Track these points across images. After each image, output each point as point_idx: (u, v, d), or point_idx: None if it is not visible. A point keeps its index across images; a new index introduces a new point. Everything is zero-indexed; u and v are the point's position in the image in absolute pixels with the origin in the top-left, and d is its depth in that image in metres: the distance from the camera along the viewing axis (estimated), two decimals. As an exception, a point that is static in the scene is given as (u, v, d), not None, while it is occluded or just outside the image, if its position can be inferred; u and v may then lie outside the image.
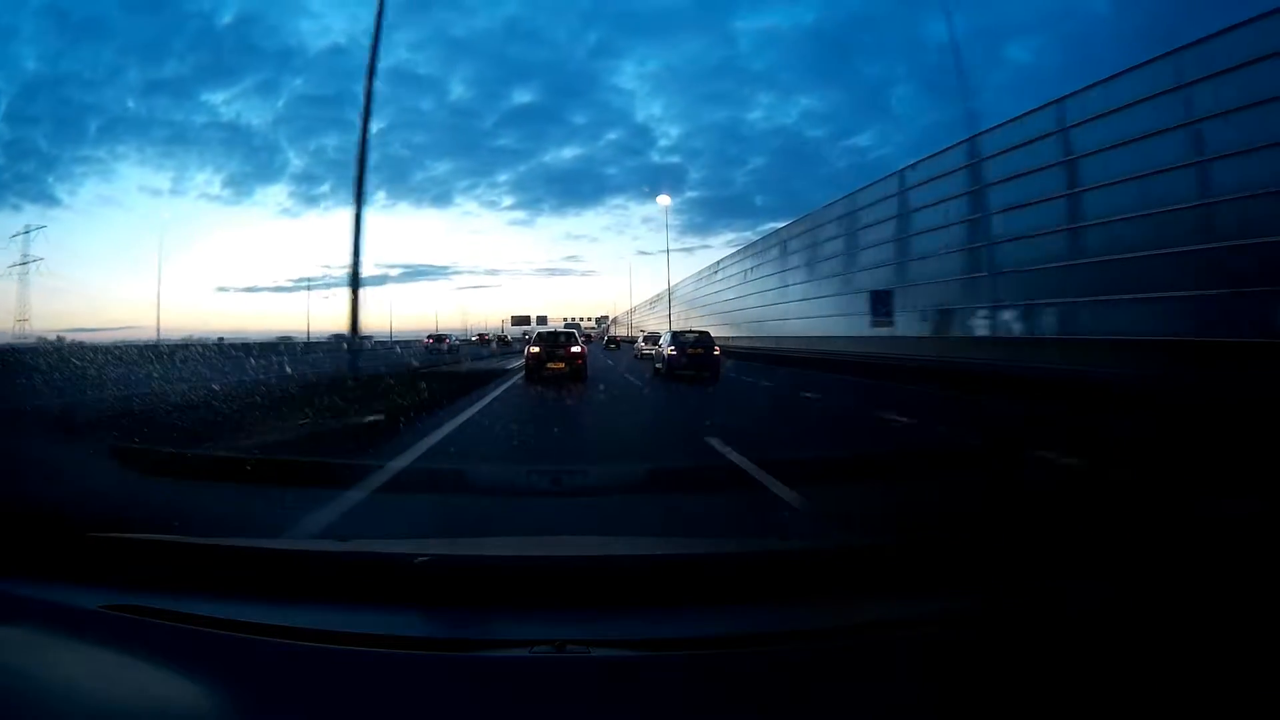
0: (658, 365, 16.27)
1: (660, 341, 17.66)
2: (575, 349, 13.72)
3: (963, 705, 0.92)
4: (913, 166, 20.36)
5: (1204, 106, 11.19)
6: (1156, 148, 12.01)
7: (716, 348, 15.44)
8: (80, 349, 10.28)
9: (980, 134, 17.30)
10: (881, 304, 20.51)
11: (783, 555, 1.40)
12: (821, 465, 4.70)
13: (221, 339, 26.05)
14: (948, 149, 18.51)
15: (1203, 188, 11.19)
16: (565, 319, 78.62)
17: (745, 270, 36.94)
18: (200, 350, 11.39)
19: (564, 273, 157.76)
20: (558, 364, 13.24)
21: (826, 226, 26.28)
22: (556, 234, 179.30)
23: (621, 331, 77.60)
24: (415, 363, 19.60)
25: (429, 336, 45.82)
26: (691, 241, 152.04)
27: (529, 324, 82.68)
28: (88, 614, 1.17)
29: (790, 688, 0.95)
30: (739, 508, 3.66)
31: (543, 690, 0.95)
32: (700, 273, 52.44)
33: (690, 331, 18.34)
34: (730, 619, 1.14)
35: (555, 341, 13.91)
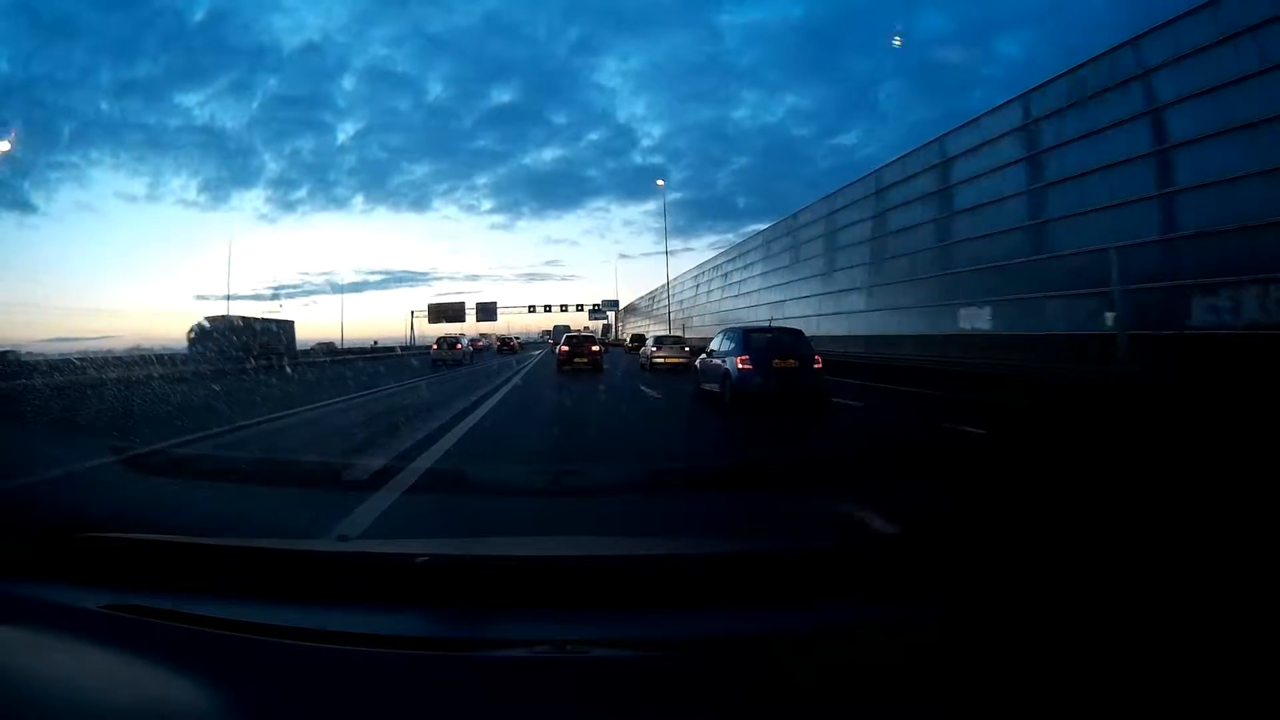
0: (707, 386, 9.93)
1: (715, 347, 10.08)
2: (595, 348, 19.18)
3: (962, 704, 0.92)
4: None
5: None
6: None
7: (818, 357, 9.22)
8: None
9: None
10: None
11: (783, 555, 1.40)
12: None
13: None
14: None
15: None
16: (535, 308, 59.92)
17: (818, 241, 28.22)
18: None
19: (544, 277, 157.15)
20: (582, 359, 18.31)
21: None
22: (537, 238, 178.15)
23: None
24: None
25: (437, 341, 30.32)
26: (674, 244, 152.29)
27: (464, 319, 55.54)
28: (88, 614, 1.17)
29: (790, 688, 0.95)
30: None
31: (543, 690, 0.95)
32: (702, 266, 48.27)
33: (768, 328, 12.33)
34: (730, 619, 1.14)
35: (579, 342, 19.31)
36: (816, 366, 9.01)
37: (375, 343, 56.56)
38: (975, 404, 9.44)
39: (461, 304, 58.01)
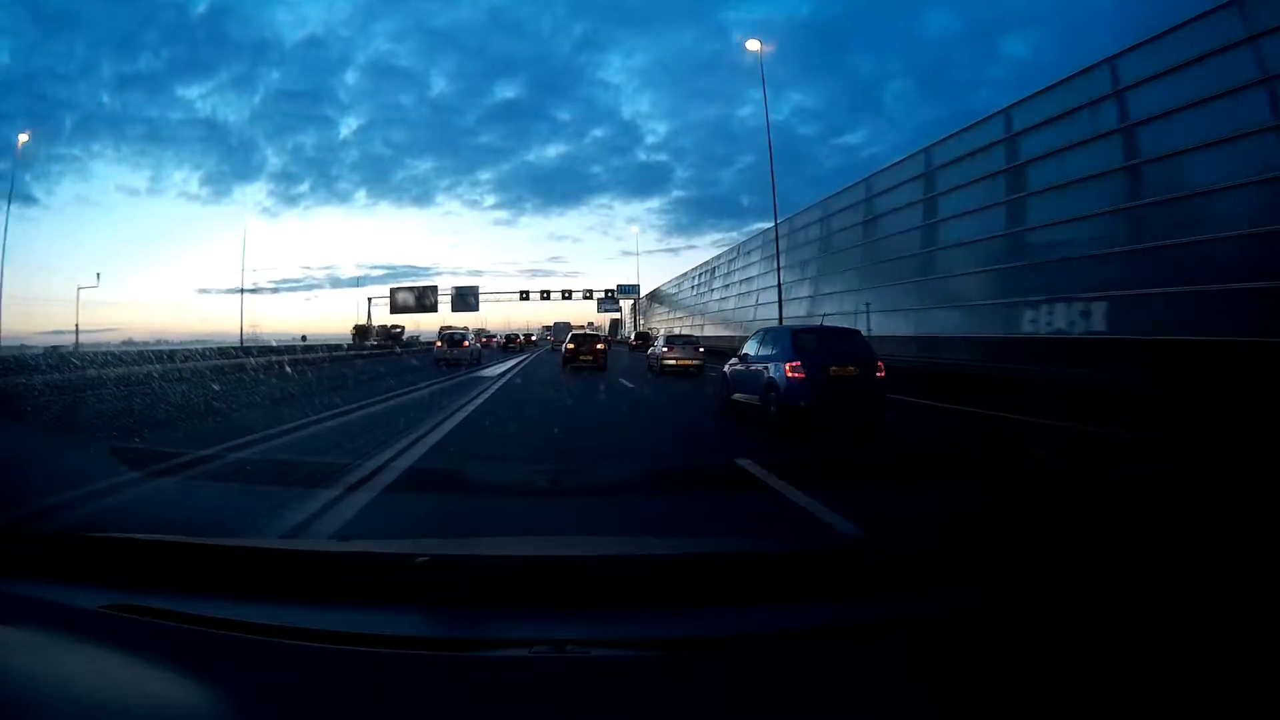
0: (741, 398, 8.43)
1: (752, 351, 8.55)
2: (599, 346, 19.71)
3: (959, 704, 0.93)
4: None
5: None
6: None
7: (880, 363, 7.78)
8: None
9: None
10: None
11: (782, 556, 1.40)
12: None
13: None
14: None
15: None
16: (528, 294, 49.93)
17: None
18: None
19: (547, 273, 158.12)
20: (586, 357, 19.01)
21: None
22: (540, 234, 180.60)
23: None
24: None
25: (439, 338, 24.70)
26: (677, 242, 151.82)
27: (436, 309, 44.37)
28: (88, 614, 1.17)
29: (790, 688, 0.95)
30: None
31: (543, 690, 0.95)
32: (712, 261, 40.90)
33: (818, 327, 10.80)
34: (730, 619, 1.14)
35: (584, 341, 19.98)
36: (879, 374, 7.59)
37: (304, 338, 44.24)
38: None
39: (433, 288, 45.63)
